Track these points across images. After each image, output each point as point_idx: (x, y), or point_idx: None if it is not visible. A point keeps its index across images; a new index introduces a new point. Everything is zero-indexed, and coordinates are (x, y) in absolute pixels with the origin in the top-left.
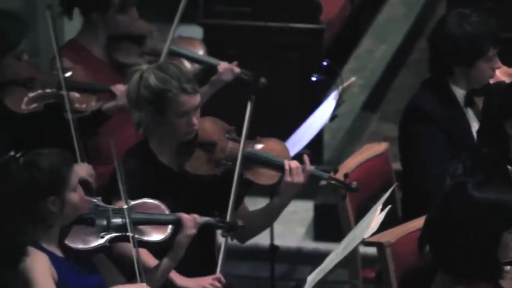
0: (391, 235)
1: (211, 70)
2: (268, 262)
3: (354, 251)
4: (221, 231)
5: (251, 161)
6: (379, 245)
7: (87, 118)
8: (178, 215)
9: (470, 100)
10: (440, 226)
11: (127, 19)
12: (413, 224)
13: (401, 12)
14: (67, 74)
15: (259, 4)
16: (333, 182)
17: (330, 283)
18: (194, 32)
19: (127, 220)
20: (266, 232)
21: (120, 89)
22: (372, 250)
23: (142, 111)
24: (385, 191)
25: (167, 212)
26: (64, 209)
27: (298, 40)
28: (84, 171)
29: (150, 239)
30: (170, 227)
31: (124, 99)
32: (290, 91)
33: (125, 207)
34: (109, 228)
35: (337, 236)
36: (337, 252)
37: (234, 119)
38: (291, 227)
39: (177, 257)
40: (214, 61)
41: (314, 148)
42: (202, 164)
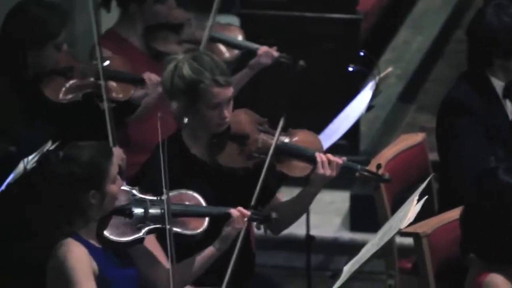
0: (428, 226)
1: (250, 55)
2: (304, 252)
3: (391, 242)
4: (255, 224)
5: (283, 154)
6: (416, 236)
7: (118, 107)
8: (228, 210)
9: (509, 92)
10: (473, 212)
11: (165, 9)
12: (450, 215)
13: (438, 3)
14: (106, 64)
15: None
16: (365, 174)
17: (366, 274)
18: (231, 22)
19: (166, 212)
20: (302, 222)
21: (152, 78)
22: (409, 241)
23: (175, 101)
24: (422, 182)
25: (204, 204)
26: (104, 201)
27: (335, 31)
28: (116, 155)
29: (186, 232)
30: (207, 220)
31: (155, 89)
32: (327, 82)
33: (164, 198)
34: (146, 220)
35: (373, 227)
36: (373, 243)
37: (267, 110)
38: (328, 217)
39: (223, 248)
40: (254, 46)
41: (351, 139)
42: (235, 157)
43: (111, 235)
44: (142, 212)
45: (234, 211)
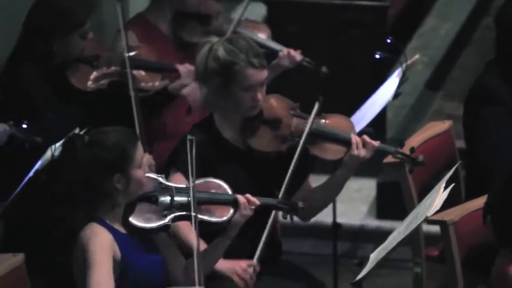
0: (454, 214)
1: (273, 55)
2: (331, 240)
3: (417, 230)
4: (282, 213)
5: (317, 136)
6: (442, 224)
7: (153, 98)
8: (236, 196)
9: None
10: (501, 201)
11: None
12: (476, 203)
13: None
14: (133, 53)
15: None
16: (400, 156)
17: (393, 262)
18: (258, 9)
19: (192, 200)
20: (329, 210)
21: (186, 69)
22: (435, 229)
23: (209, 83)
24: (449, 169)
25: (229, 192)
26: (130, 186)
27: (362, 17)
28: (144, 161)
29: (211, 219)
30: (232, 208)
31: (190, 79)
32: (354, 69)
33: (191, 186)
34: (172, 207)
35: (400, 214)
36: (400, 230)
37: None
38: (354, 205)
39: (231, 237)
40: (277, 47)
41: (377, 126)
42: (268, 141)
43: (137, 222)
44: (168, 200)
45: (241, 198)
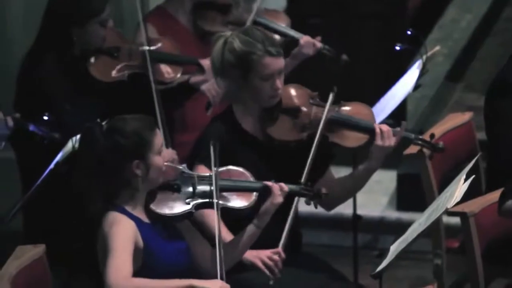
0: (475, 205)
1: (293, 43)
2: (351, 232)
3: (437, 221)
4: (305, 199)
5: (337, 124)
6: (463, 215)
7: (175, 91)
8: (266, 183)
9: None
10: None
11: None
12: (497, 194)
13: None
14: (155, 46)
15: None
16: (420, 143)
17: (413, 253)
18: (279, 1)
19: (214, 187)
20: (349, 202)
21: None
22: (456, 220)
23: (227, 77)
24: (469, 161)
25: (252, 180)
26: (149, 173)
27: (382, 9)
28: (166, 156)
29: (234, 206)
30: (255, 195)
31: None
32: (374, 60)
33: (213, 174)
34: (195, 195)
35: (420, 206)
36: (420, 222)
37: (316, 86)
38: (374, 197)
39: (263, 224)
40: (297, 35)
41: (398, 118)
42: (287, 130)
43: (159, 209)
44: (191, 188)
45: (274, 185)
